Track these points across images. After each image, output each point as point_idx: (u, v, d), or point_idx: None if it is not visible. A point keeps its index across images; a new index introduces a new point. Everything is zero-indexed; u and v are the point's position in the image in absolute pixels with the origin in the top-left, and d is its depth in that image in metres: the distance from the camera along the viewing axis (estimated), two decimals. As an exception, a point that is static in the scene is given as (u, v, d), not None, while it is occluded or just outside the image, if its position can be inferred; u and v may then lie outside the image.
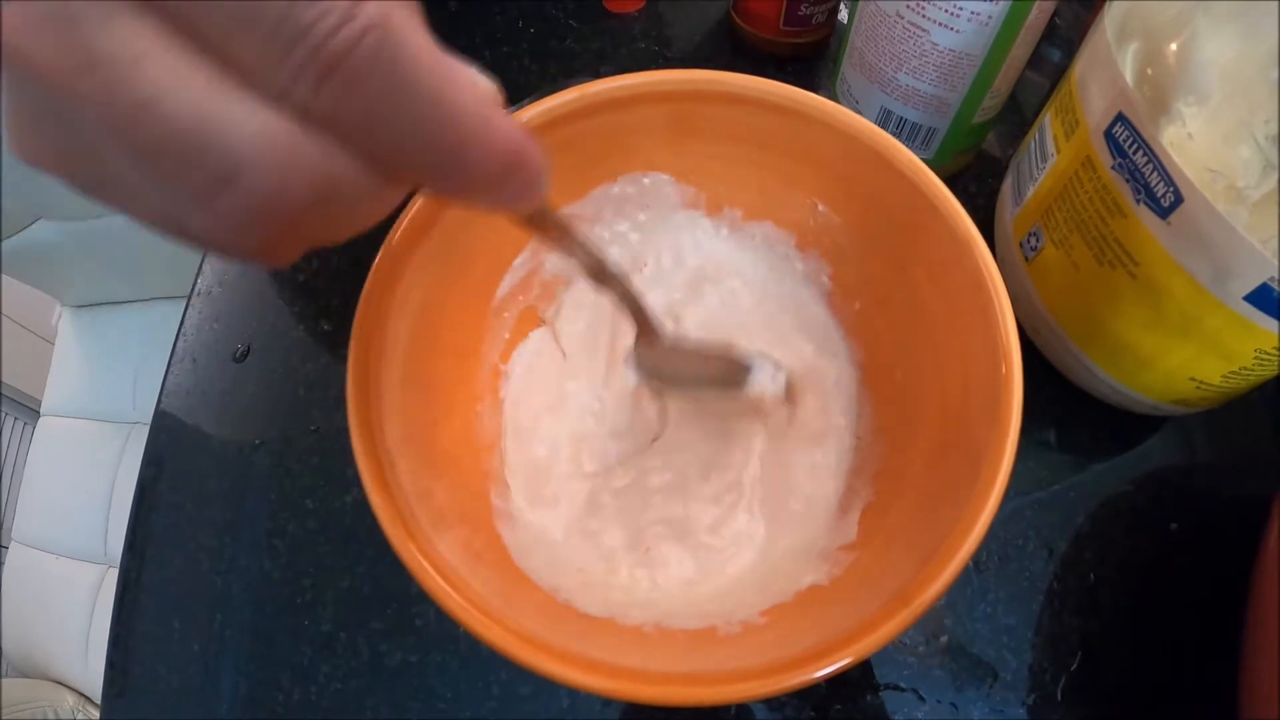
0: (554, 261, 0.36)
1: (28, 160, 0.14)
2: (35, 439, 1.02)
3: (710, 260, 0.36)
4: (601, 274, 0.26)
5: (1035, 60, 0.51)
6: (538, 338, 0.36)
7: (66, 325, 1.06)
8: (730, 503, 0.32)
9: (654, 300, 0.36)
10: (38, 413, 1.04)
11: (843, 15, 0.51)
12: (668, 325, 0.32)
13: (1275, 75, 0.25)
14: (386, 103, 0.13)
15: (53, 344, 1.08)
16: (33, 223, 0.94)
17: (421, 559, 0.23)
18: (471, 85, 0.15)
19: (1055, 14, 0.53)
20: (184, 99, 0.12)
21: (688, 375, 0.31)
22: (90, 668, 0.89)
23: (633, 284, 0.28)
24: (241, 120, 0.13)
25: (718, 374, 0.31)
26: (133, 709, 0.34)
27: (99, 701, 0.76)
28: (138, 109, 0.12)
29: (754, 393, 0.30)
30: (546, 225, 0.22)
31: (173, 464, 0.40)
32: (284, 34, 0.12)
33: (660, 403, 0.34)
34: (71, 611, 0.91)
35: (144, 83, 0.12)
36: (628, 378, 0.31)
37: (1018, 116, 0.49)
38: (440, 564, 0.23)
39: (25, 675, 0.90)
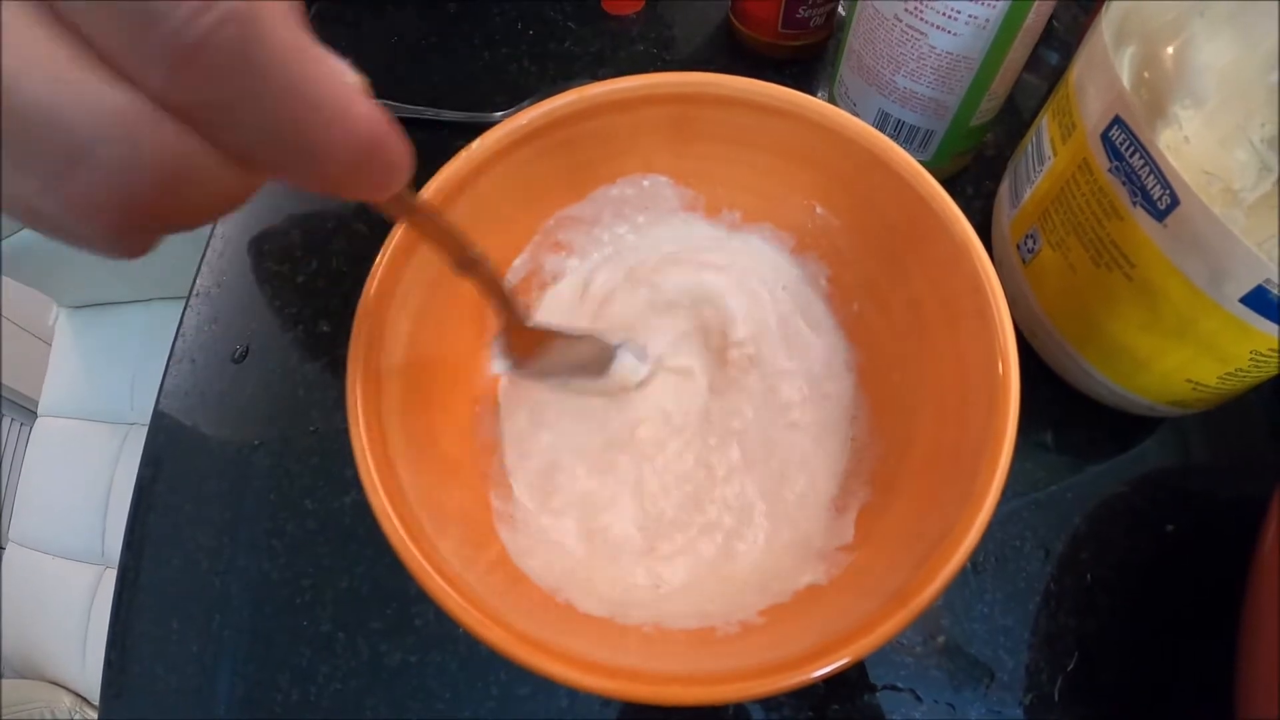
0: (553, 263, 0.36)
1: None
2: (32, 439, 1.02)
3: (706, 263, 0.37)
4: (464, 259, 0.26)
5: (1033, 63, 0.51)
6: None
7: (64, 325, 1.06)
8: (729, 503, 0.32)
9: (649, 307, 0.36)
10: (35, 413, 1.04)
11: (841, 16, 0.51)
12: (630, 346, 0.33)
13: (1272, 79, 0.25)
14: (241, 93, 0.13)
15: (50, 344, 1.08)
16: (30, 223, 0.93)
17: (421, 559, 0.23)
18: (337, 77, 0.15)
19: (1053, 17, 0.53)
20: (37, 77, 0.12)
21: (556, 363, 0.32)
22: (87, 668, 0.89)
23: (492, 268, 0.27)
24: (94, 101, 0.13)
25: (585, 360, 0.32)
26: (131, 709, 0.34)
27: (96, 702, 0.76)
28: None
29: (616, 379, 0.32)
30: (407, 210, 0.22)
31: (171, 464, 0.40)
32: (140, 20, 0.12)
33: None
34: (68, 612, 0.91)
35: None
36: (495, 366, 0.32)
37: (1015, 119, 0.49)
38: (440, 564, 0.23)
39: (22, 676, 0.90)
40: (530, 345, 0.31)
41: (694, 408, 0.34)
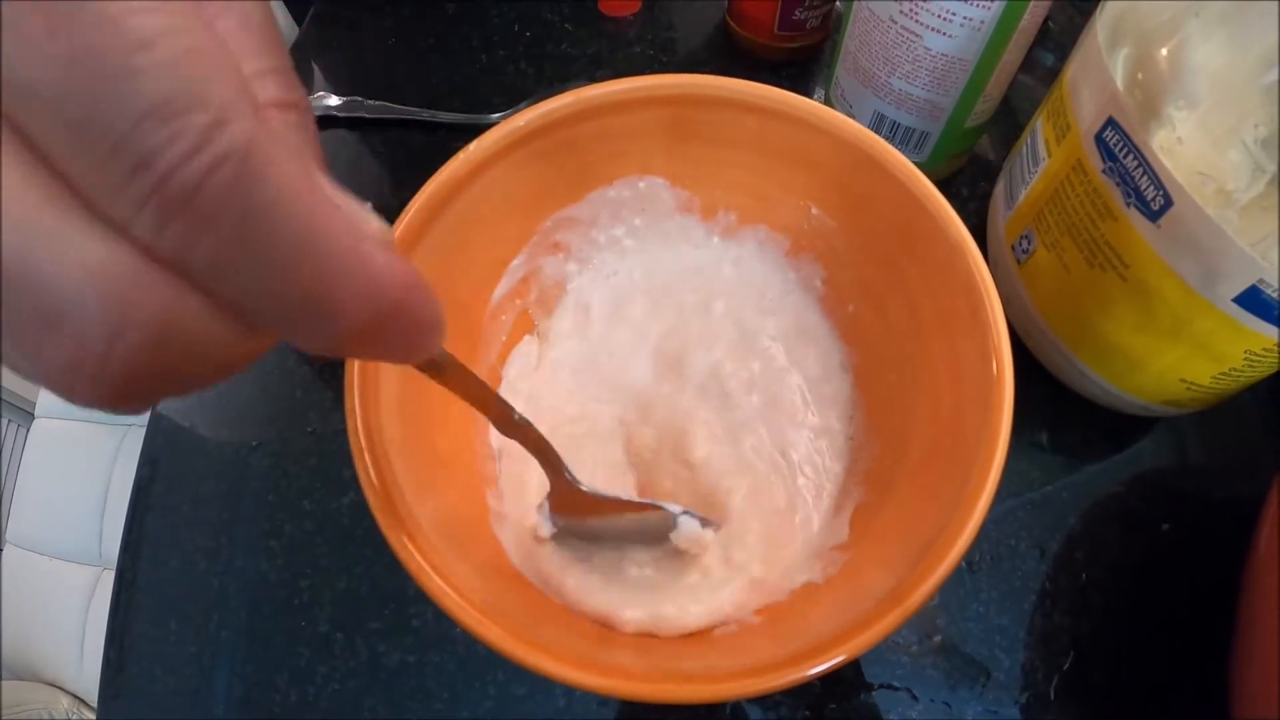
0: (552, 267, 0.36)
1: None
2: (30, 441, 1.02)
3: (703, 267, 0.37)
4: (508, 423, 0.25)
5: (1029, 64, 0.51)
6: (532, 341, 0.36)
7: (61, 327, 1.06)
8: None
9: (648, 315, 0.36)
10: (32, 414, 1.04)
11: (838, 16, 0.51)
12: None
13: (1265, 80, 0.25)
14: (241, 245, 0.11)
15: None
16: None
17: (419, 559, 0.23)
18: (353, 224, 0.13)
19: (1049, 18, 0.53)
20: (7, 225, 0.10)
21: (610, 528, 0.30)
22: (85, 670, 0.89)
23: (537, 433, 0.26)
24: (73, 254, 0.11)
25: (644, 528, 0.30)
26: (129, 710, 0.34)
27: (94, 703, 0.76)
28: None
29: (681, 545, 0.29)
30: (446, 375, 0.20)
31: (169, 465, 0.40)
32: (126, 158, 0.10)
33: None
34: (66, 613, 0.91)
35: None
36: (543, 528, 0.29)
37: (1011, 120, 0.49)
38: (438, 564, 0.23)
39: (19, 677, 0.90)
40: (582, 509, 0.29)
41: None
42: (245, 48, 0.13)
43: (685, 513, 0.29)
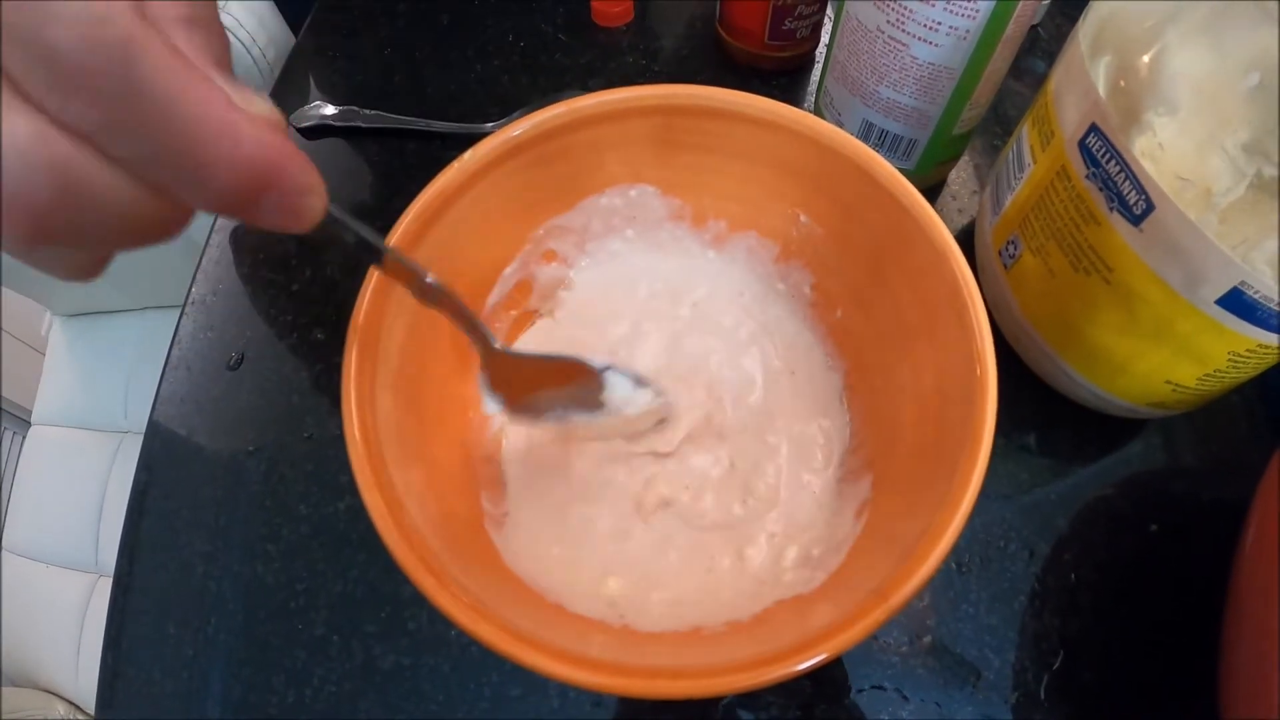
0: (548, 271, 0.36)
1: None
2: (26, 448, 1.02)
3: (693, 274, 0.37)
4: (424, 290, 0.25)
5: (1019, 70, 0.52)
6: (528, 340, 0.37)
7: (57, 334, 1.06)
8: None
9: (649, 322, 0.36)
10: (29, 422, 1.04)
11: (826, 30, 0.52)
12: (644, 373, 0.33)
13: (1245, 85, 0.26)
14: (124, 112, 0.14)
15: (43, 353, 1.08)
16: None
17: (416, 560, 0.23)
18: (224, 99, 0.15)
19: (1039, 26, 0.54)
20: None
21: (544, 397, 0.30)
22: (81, 676, 0.88)
23: (457, 297, 0.27)
24: (5, 127, 0.14)
25: (574, 391, 0.30)
26: (127, 712, 0.35)
27: (89, 710, 0.76)
28: None
29: (614, 411, 0.30)
30: (339, 240, 0.21)
31: (167, 470, 0.40)
32: (40, 51, 0.13)
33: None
34: (62, 620, 0.91)
35: None
36: (487, 405, 0.30)
37: (1000, 127, 0.50)
38: (434, 565, 0.23)
39: (15, 684, 0.90)
40: (512, 376, 0.29)
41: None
42: None
43: (608, 368, 0.30)
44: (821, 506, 0.32)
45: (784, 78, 0.52)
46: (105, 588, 0.91)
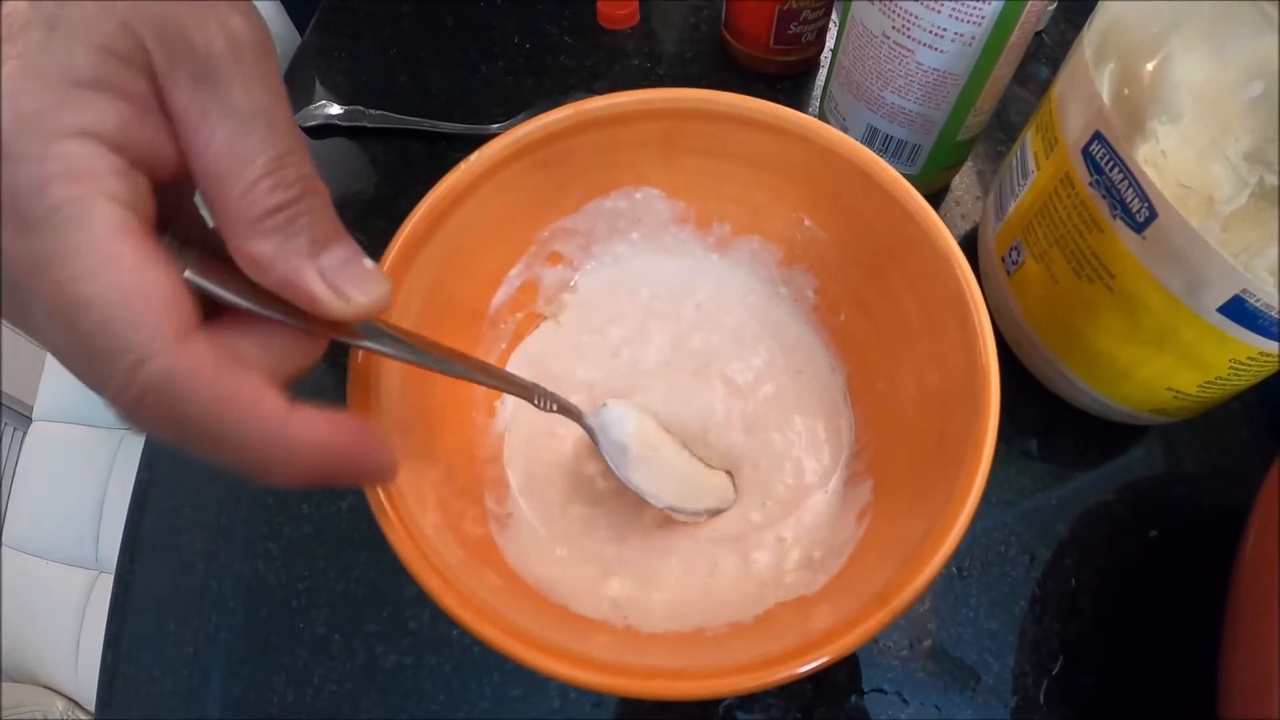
0: (553, 274, 0.36)
1: None
2: (27, 445, 1.02)
3: (697, 277, 0.37)
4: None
5: (1024, 77, 0.52)
6: (533, 341, 0.37)
7: (60, 332, 1.06)
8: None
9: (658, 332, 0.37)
10: (30, 418, 1.04)
11: (831, 35, 0.52)
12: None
13: (1247, 94, 0.26)
14: (177, 436, 0.16)
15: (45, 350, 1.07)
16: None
17: (422, 560, 0.23)
18: (280, 411, 0.17)
19: (1043, 32, 0.54)
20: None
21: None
22: (80, 673, 0.88)
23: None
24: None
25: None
26: (127, 711, 0.35)
27: (88, 707, 0.76)
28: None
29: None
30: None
31: (169, 468, 0.40)
32: (96, 388, 0.16)
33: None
34: (62, 617, 0.91)
35: None
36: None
37: (1004, 133, 0.50)
38: (438, 563, 0.23)
39: (15, 680, 0.90)
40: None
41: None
42: (240, 160, 0.16)
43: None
44: (825, 509, 0.32)
45: (788, 82, 0.52)
46: (105, 585, 0.91)
